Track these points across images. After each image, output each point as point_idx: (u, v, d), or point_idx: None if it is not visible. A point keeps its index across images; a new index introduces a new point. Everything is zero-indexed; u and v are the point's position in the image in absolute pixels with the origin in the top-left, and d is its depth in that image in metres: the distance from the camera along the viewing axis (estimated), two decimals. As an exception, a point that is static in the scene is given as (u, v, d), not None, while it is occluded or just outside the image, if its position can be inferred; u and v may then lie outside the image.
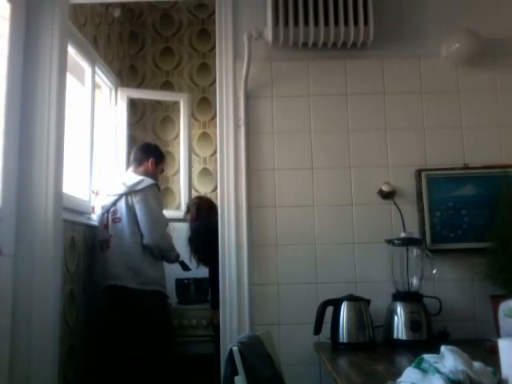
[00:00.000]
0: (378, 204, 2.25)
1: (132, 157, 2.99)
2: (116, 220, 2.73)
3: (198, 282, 3.25)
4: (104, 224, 2.78)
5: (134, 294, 2.65)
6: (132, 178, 2.83)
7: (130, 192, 2.73)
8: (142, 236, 2.70)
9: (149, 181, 2.80)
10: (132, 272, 2.65)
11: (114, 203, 2.76)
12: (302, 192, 2.27)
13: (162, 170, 3.13)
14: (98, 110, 3.18)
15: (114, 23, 3.61)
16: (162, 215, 2.88)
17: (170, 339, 2.79)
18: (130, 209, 2.71)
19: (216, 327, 2.83)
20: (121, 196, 2.75)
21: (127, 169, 3.08)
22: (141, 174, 2.86)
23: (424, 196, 2.22)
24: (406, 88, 2.33)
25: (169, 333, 2.80)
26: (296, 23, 2.23)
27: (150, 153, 2.96)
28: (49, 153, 2.12)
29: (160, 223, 2.79)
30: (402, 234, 2.14)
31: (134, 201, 2.71)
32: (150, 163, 2.92)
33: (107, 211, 2.78)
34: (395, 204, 2.23)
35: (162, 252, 2.80)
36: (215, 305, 2.84)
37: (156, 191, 2.83)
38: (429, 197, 2.22)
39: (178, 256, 2.98)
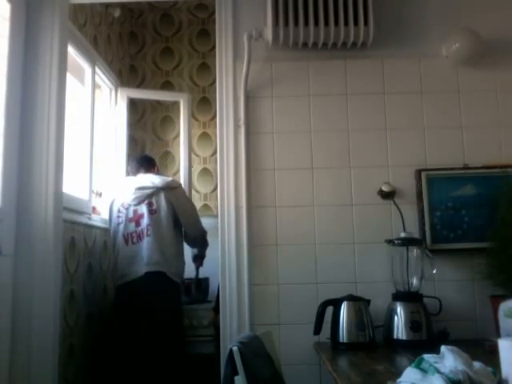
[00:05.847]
0: (378, 204, 2.25)
1: (136, 164, 3.13)
2: (153, 211, 2.84)
3: (198, 282, 3.26)
4: (130, 218, 2.84)
5: (171, 282, 2.78)
6: (162, 177, 3.01)
7: (167, 188, 2.89)
8: (174, 228, 2.85)
9: (178, 181, 3.17)
10: (168, 262, 2.78)
11: (149, 196, 2.86)
12: (302, 192, 2.27)
13: None
14: (98, 110, 3.18)
15: (114, 23, 3.61)
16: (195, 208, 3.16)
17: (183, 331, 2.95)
18: (169, 203, 2.86)
19: (218, 328, 2.84)
20: (158, 190, 2.87)
21: (128, 175, 3.20)
22: None
23: (424, 196, 2.22)
24: (406, 88, 2.33)
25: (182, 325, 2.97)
26: (296, 23, 2.23)
27: (153, 162, 3.23)
28: (49, 153, 2.12)
29: (198, 215, 3.06)
30: (402, 234, 2.14)
31: (173, 197, 2.89)
32: (155, 170, 3.17)
33: (138, 204, 2.84)
34: (395, 204, 2.24)
35: (204, 238, 3.08)
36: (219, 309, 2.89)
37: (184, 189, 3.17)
38: (429, 197, 2.22)
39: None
